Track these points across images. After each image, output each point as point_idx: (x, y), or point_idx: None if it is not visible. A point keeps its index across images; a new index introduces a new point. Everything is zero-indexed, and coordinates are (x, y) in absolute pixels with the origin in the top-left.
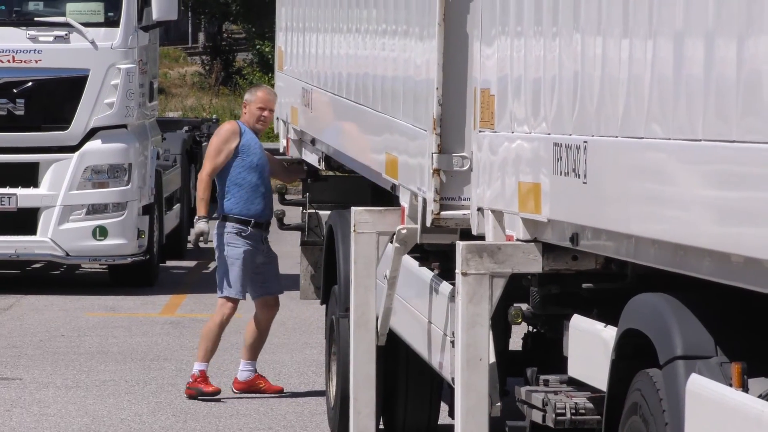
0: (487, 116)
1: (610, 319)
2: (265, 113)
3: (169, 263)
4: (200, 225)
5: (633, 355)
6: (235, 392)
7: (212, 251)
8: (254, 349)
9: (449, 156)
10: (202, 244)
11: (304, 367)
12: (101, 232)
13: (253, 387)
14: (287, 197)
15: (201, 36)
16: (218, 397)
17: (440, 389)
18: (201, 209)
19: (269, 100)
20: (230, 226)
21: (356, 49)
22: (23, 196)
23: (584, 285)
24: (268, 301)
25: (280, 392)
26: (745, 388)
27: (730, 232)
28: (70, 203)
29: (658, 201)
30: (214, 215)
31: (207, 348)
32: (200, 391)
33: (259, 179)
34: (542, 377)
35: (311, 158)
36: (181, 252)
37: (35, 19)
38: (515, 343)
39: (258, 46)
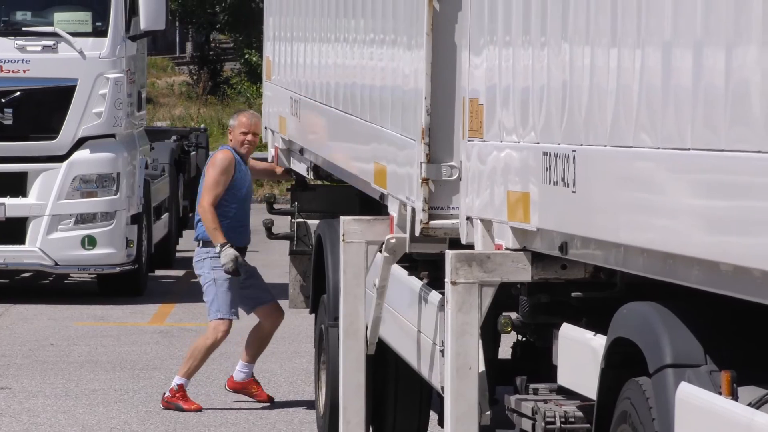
0: (475, 125)
1: (599, 327)
2: (249, 137)
3: (158, 272)
4: (228, 251)
5: (622, 363)
6: (227, 389)
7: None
8: (254, 353)
9: (438, 165)
10: (242, 268)
11: (294, 376)
12: (90, 242)
13: (245, 390)
14: (275, 206)
15: (189, 45)
16: (208, 407)
17: (429, 398)
18: (219, 238)
19: (251, 123)
20: (213, 251)
21: (344, 59)
22: (11, 205)
23: (573, 294)
24: (266, 310)
25: (269, 402)
26: (734, 397)
27: (719, 240)
28: (59, 213)
29: (647, 210)
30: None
31: (192, 366)
32: (179, 407)
33: (243, 209)
34: (532, 386)
35: (299, 167)
36: (169, 261)
37: (23, 28)
38: (504, 352)
39: (246, 56)
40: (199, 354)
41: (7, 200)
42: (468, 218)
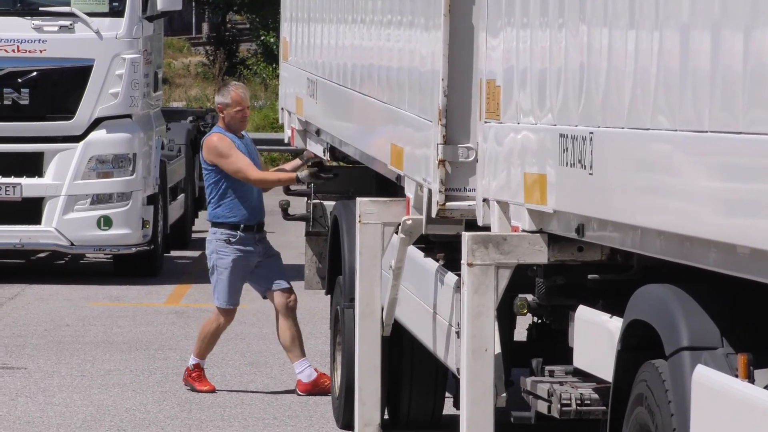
0: (492, 107)
1: (615, 310)
2: (244, 112)
3: (174, 253)
4: (304, 174)
5: (638, 346)
6: (300, 394)
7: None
8: (297, 348)
9: (455, 147)
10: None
11: (309, 358)
12: (106, 222)
13: (319, 387)
14: (292, 188)
15: (205, 26)
16: (222, 388)
17: (445, 380)
18: (287, 178)
19: (244, 98)
20: (219, 233)
21: (361, 40)
22: (28, 185)
23: (590, 276)
24: (279, 295)
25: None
26: (751, 379)
27: (736, 223)
28: (75, 193)
29: (664, 192)
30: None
31: (202, 347)
32: (193, 388)
33: (248, 186)
34: (547, 368)
35: (316, 149)
36: (185, 242)
37: (40, 8)
38: (520, 333)
39: (263, 36)
40: (207, 335)
41: (24, 180)
42: (484, 200)
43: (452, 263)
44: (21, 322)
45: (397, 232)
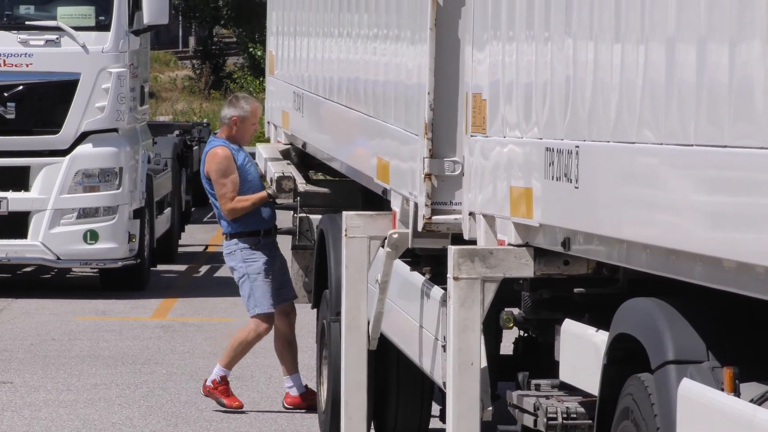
0: (478, 121)
1: (601, 323)
2: (257, 125)
3: (160, 267)
4: (272, 191)
5: (624, 359)
6: (286, 407)
7: (203, 255)
8: (291, 361)
9: (441, 161)
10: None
11: None
12: (92, 236)
13: (306, 402)
14: (278, 201)
15: (191, 40)
16: (207, 402)
17: (431, 394)
18: (261, 197)
19: (259, 112)
20: (242, 243)
21: (348, 54)
22: (14, 199)
23: (576, 289)
24: (284, 308)
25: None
26: (736, 393)
27: (722, 237)
28: (61, 207)
29: (650, 206)
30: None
31: (233, 357)
32: (221, 402)
33: (260, 188)
34: (534, 382)
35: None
36: (172, 256)
37: (26, 22)
38: (506, 347)
39: (250, 50)
40: (240, 347)
41: (10, 194)
42: (471, 214)
43: (438, 277)
44: (7, 336)
45: (383, 246)
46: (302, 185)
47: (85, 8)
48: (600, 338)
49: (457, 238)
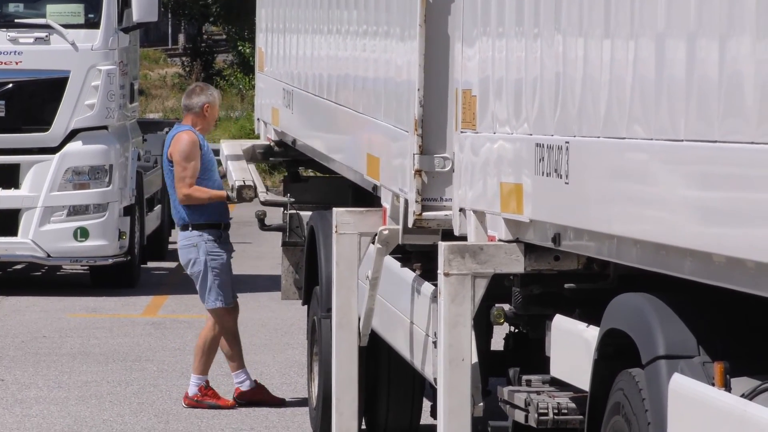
0: (468, 117)
1: (592, 319)
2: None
3: (150, 264)
4: (236, 194)
5: (615, 355)
6: (238, 402)
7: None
8: (239, 356)
9: (431, 157)
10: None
11: (286, 368)
12: (82, 234)
13: (256, 396)
14: (262, 200)
15: (181, 37)
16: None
17: (422, 390)
18: (221, 194)
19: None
20: (206, 236)
21: (337, 50)
22: (4, 197)
23: (566, 285)
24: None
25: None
26: (727, 388)
27: (712, 232)
28: (51, 204)
29: (640, 201)
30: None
31: (204, 361)
32: (215, 405)
33: (216, 184)
34: (525, 377)
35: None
36: (162, 253)
37: (15, 20)
38: (497, 343)
39: (240, 47)
40: (207, 347)
41: (0, 192)
42: (461, 210)
43: (429, 273)
44: None
45: (373, 243)
46: (263, 194)
47: (75, 6)
48: (591, 334)
49: (448, 235)
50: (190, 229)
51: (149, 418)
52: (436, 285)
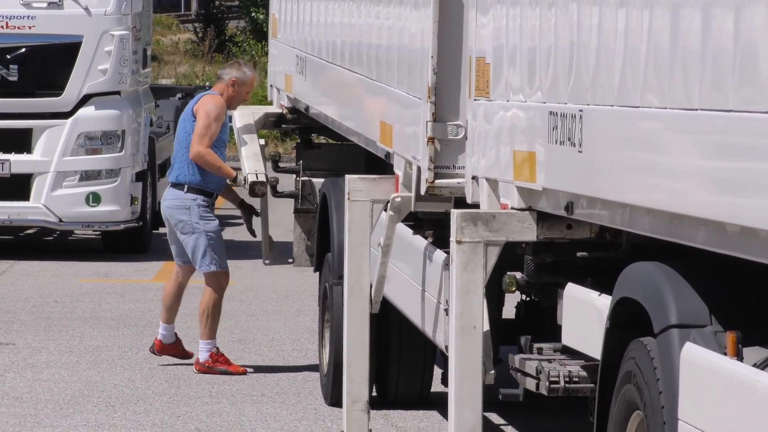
0: (482, 85)
1: (604, 287)
2: (248, 96)
3: (162, 230)
4: (250, 178)
5: (627, 323)
6: (156, 353)
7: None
8: (174, 313)
9: (444, 124)
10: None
11: (297, 334)
12: (94, 199)
13: (175, 350)
14: (281, 164)
15: (194, 3)
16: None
17: (433, 357)
18: (231, 171)
19: (255, 84)
20: (200, 200)
21: (351, 17)
22: (16, 162)
23: (578, 253)
24: (191, 267)
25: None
26: (739, 357)
27: (725, 201)
28: (63, 169)
29: (654, 170)
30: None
31: (211, 325)
32: (226, 372)
33: (223, 156)
34: (536, 345)
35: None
36: None
37: None
38: (509, 311)
39: (252, 13)
40: (211, 311)
41: (12, 156)
42: (474, 177)
43: (441, 241)
44: (9, 298)
45: (386, 210)
46: (273, 182)
47: None
48: (603, 302)
49: (460, 202)
50: (185, 190)
51: (160, 383)
52: (448, 252)
